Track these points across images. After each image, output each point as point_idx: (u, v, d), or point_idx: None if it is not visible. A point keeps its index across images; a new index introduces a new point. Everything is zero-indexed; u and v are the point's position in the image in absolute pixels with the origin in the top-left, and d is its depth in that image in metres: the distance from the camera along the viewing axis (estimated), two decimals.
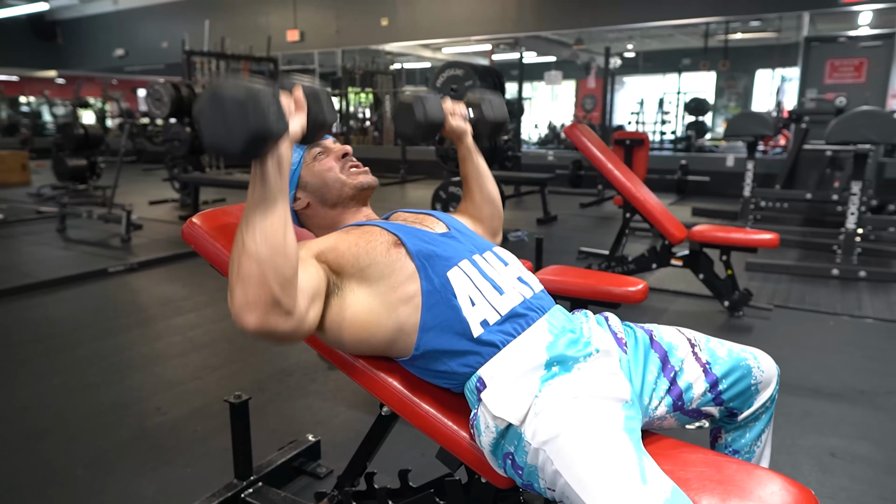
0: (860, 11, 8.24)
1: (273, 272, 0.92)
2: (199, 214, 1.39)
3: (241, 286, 0.91)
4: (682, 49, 14.74)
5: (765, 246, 3.10)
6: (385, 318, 1.09)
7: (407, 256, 1.11)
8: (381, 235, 1.14)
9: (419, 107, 1.33)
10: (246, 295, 0.91)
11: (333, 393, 2.40)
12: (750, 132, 5.14)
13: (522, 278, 1.19)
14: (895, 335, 2.96)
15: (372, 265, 1.10)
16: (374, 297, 1.10)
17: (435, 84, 4.74)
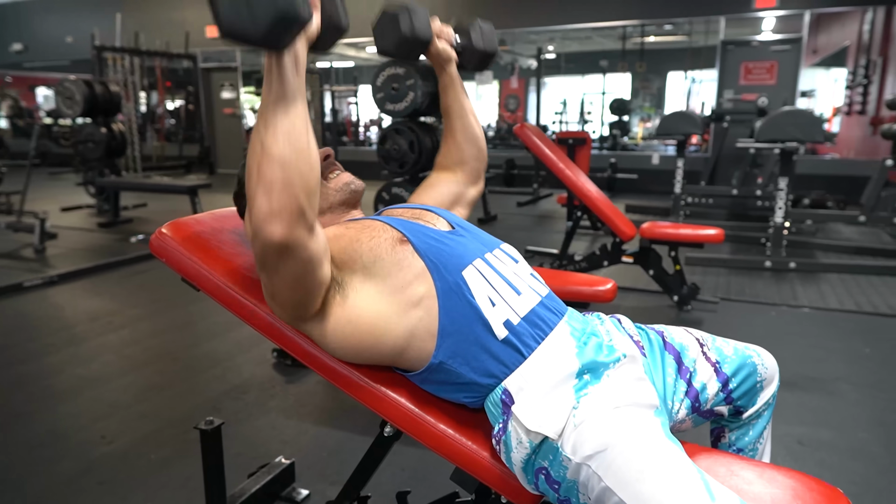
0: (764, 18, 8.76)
1: (299, 177, 0.84)
2: (168, 225, 1.25)
3: (265, 192, 0.83)
4: (599, 51, 15.21)
5: (711, 241, 3.20)
6: (395, 322, 1.01)
7: (415, 254, 1.03)
8: (384, 231, 1.06)
9: (405, 18, 1.18)
10: (270, 202, 0.83)
11: (296, 409, 2.26)
12: (680, 131, 5.33)
13: (534, 275, 1.14)
14: (831, 323, 3.13)
15: (377, 262, 1.02)
16: (381, 296, 1.01)
17: (375, 83, 4.62)
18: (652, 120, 15.00)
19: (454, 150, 1.41)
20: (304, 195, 0.85)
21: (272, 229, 0.84)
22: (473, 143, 1.41)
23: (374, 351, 1.04)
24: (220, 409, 2.24)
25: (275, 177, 0.82)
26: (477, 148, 1.42)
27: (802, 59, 7.26)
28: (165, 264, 1.22)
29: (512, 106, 16.45)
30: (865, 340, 2.87)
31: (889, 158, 4.03)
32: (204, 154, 9.84)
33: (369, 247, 1.03)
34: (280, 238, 0.84)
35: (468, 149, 1.40)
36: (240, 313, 1.17)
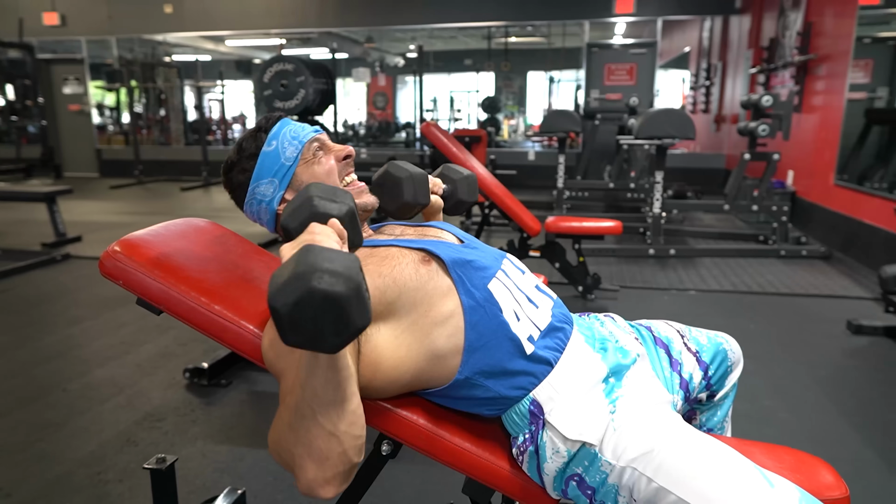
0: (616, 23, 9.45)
1: (353, 444, 0.80)
2: (120, 243, 1.10)
3: (318, 464, 0.78)
4: (464, 50, 15.59)
5: (611, 233, 3.38)
6: (417, 347, 0.95)
7: (440, 271, 0.98)
8: (403, 256, 0.99)
9: (409, 186, 1.16)
10: (325, 472, 0.78)
11: (226, 432, 2.09)
12: (561, 128, 5.60)
13: (540, 287, 1.13)
14: (716, 302, 3.45)
15: (402, 295, 0.95)
16: (405, 329, 0.95)
17: (262, 79, 4.38)
18: (516, 117, 15.64)
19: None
20: (356, 452, 0.81)
21: (326, 492, 0.80)
22: None
23: (396, 384, 0.97)
24: (135, 442, 2.01)
25: (331, 450, 0.78)
26: None
27: (657, 61, 7.92)
28: (122, 287, 1.07)
29: (380, 103, 16.39)
30: (748, 317, 3.19)
31: (747, 153, 4.51)
32: (48, 156, 8.80)
33: (392, 280, 0.95)
34: (334, 495, 0.81)
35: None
36: (221, 336, 1.05)
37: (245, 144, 1.09)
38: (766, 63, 6.20)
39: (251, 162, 1.08)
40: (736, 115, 7.51)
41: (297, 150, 1.07)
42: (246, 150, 1.09)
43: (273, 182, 1.07)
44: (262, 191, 1.08)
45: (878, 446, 1.98)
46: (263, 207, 1.09)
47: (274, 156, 1.07)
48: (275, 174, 1.07)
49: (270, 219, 1.10)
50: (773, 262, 4.27)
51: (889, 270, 2.85)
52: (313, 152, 1.09)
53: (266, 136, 1.08)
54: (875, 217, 4.08)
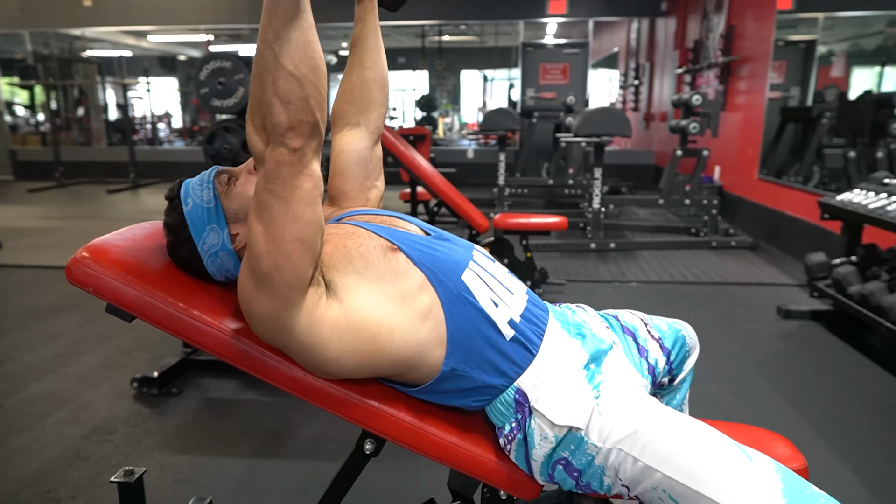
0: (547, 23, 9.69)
1: (315, 93, 0.82)
2: (87, 248, 1.05)
3: (282, 106, 0.80)
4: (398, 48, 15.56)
5: (557, 228, 3.47)
6: (406, 333, 0.96)
7: (409, 263, 0.99)
8: (370, 238, 1.00)
9: None
10: (289, 115, 0.81)
11: (182, 441, 2.02)
12: (502, 126, 5.69)
13: (512, 275, 1.16)
14: (656, 293, 3.60)
15: (369, 268, 0.96)
16: (382, 300, 0.95)
17: (198, 77, 4.24)
18: (451, 116, 15.73)
19: (362, 91, 1.26)
20: (320, 111, 0.83)
21: (292, 140, 0.82)
22: (383, 85, 1.28)
23: (378, 361, 0.98)
24: (86, 458, 1.92)
25: (292, 91, 0.80)
26: (385, 93, 1.29)
27: (590, 61, 8.15)
28: (92, 294, 1.02)
29: None
30: (687, 305, 3.35)
31: (679, 149, 4.73)
32: None
33: (359, 253, 0.97)
34: (298, 146, 0.82)
35: (377, 91, 1.27)
36: (201, 341, 1.02)
37: (170, 221, 1.06)
38: (691, 64, 6.50)
39: (185, 230, 1.04)
40: (664, 113, 7.84)
41: (210, 190, 1.05)
42: (174, 225, 1.05)
43: (214, 229, 1.04)
44: (211, 242, 1.04)
45: (816, 423, 2.13)
46: (223, 256, 1.05)
47: (197, 209, 1.04)
48: (209, 221, 1.04)
49: (236, 262, 1.06)
50: (706, 252, 4.49)
51: (813, 258, 3.06)
52: (224, 182, 1.06)
53: (179, 201, 1.05)
54: (796, 209, 4.36)
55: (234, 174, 1.09)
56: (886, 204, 2.62)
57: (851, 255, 3.01)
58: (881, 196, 2.71)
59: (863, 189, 2.88)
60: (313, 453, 1.96)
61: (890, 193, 2.68)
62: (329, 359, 0.95)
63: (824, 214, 3.01)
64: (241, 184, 1.06)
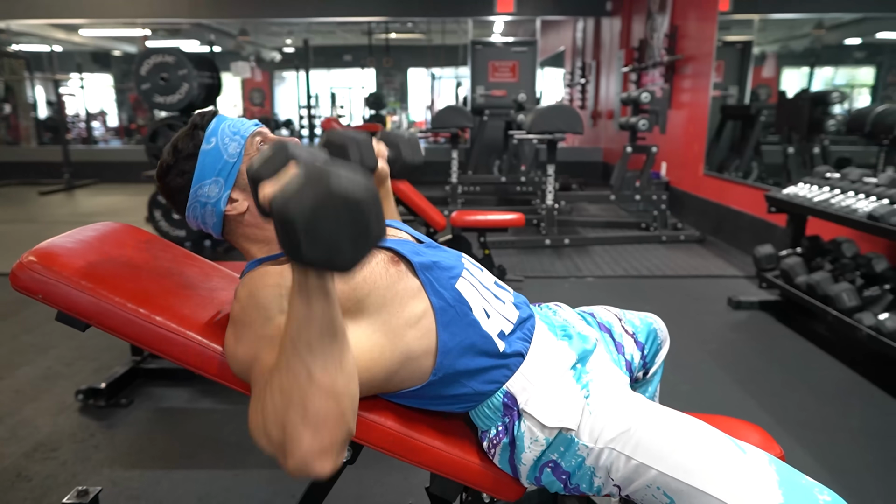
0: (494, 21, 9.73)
1: (351, 406, 0.74)
2: (34, 253, 0.97)
3: (314, 430, 0.70)
4: (343, 45, 15.38)
5: (514, 225, 3.47)
6: (390, 349, 0.92)
7: (409, 273, 0.96)
8: (372, 254, 0.95)
9: (354, 150, 1.09)
10: (321, 440, 0.71)
11: (135, 456, 1.92)
12: (454, 124, 5.67)
13: (498, 283, 1.14)
14: (612, 288, 3.65)
15: (372, 293, 0.91)
16: (376, 329, 0.92)
17: (139, 72, 4.05)
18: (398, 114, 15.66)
19: None
20: (353, 417, 0.75)
21: (321, 466, 0.72)
22: None
23: (365, 388, 0.93)
24: (28, 477, 1.79)
25: (329, 412, 0.71)
26: None
27: (538, 59, 8.23)
28: (41, 301, 0.94)
29: (257, 99, 15.80)
30: (642, 299, 3.41)
31: (629, 146, 4.82)
32: None
33: (363, 277, 0.92)
34: (329, 471, 0.73)
35: None
36: (165, 350, 0.96)
37: (181, 144, 1.00)
38: (637, 62, 6.64)
39: (190, 163, 0.99)
40: (611, 110, 7.99)
41: (239, 145, 1.00)
42: (183, 151, 1.00)
43: (217, 182, 0.99)
44: (206, 192, 0.99)
45: (772, 410, 2.19)
46: (209, 210, 1.00)
47: (215, 154, 0.99)
48: (218, 173, 0.99)
49: (217, 222, 1.02)
50: (656, 247, 4.60)
51: (762, 251, 3.17)
52: (256, 147, 1.02)
53: (204, 134, 1.00)
54: (740, 203, 4.51)
55: (266, 139, 1.04)
56: (830, 197, 2.72)
57: (797, 246, 3.12)
58: (824, 190, 2.82)
59: (807, 183, 2.99)
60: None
61: (832, 187, 2.79)
62: None
63: (771, 208, 3.11)
64: None
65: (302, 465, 0.70)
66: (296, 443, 0.70)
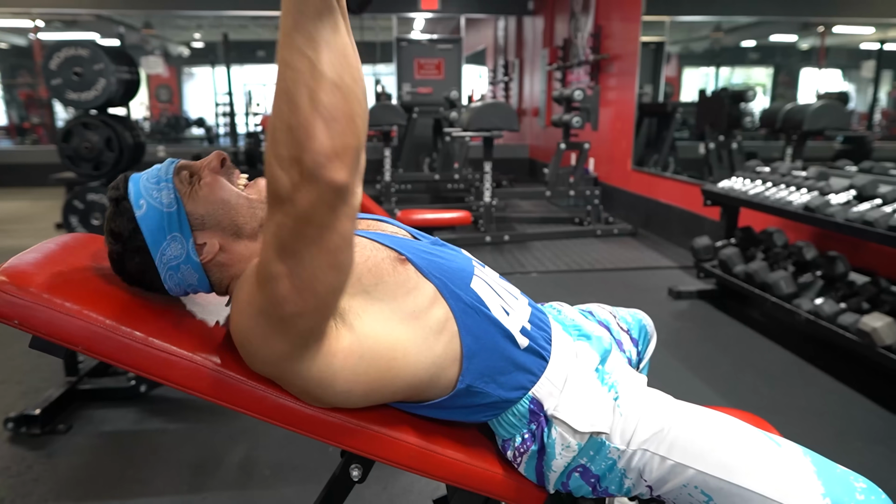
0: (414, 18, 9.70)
1: (360, 109, 0.65)
2: (5, 273, 0.85)
3: (325, 124, 0.62)
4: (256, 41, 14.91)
5: (461, 223, 3.45)
6: (418, 353, 0.87)
7: (419, 275, 0.90)
8: (376, 249, 0.89)
9: None
10: (332, 137, 0.62)
11: (82, 486, 1.75)
12: (387, 122, 5.59)
13: (503, 278, 1.10)
14: (558, 282, 3.71)
15: (379, 285, 0.86)
16: (393, 322, 0.86)
17: (48, 66, 3.72)
18: None
19: None
20: (364, 132, 0.67)
21: (336, 172, 0.63)
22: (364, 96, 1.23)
23: (389, 388, 0.88)
24: None
25: (337, 106, 0.63)
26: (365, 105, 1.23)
27: (463, 57, 8.27)
28: (18, 328, 0.82)
29: (164, 96, 15.06)
30: (588, 292, 3.49)
31: (562, 143, 4.91)
32: None
33: (367, 268, 0.86)
34: (344, 182, 0.64)
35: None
36: (166, 375, 0.86)
37: (116, 227, 0.89)
38: (561, 61, 6.79)
39: (137, 237, 0.88)
40: (536, 108, 8.15)
41: (170, 191, 0.89)
42: (122, 232, 0.89)
43: (175, 238, 0.88)
44: (171, 254, 0.89)
45: (726, 395, 2.29)
46: (185, 270, 0.90)
47: (153, 213, 0.88)
48: (169, 229, 0.88)
49: (202, 276, 0.91)
50: (592, 241, 4.72)
51: (699, 242, 3.31)
52: (187, 182, 0.91)
53: (129, 204, 0.88)
54: (670, 197, 4.70)
55: (196, 170, 0.93)
56: (764, 190, 2.88)
57: (731, 237, 3.28)
58: (757, 183, 2.98)
59: (739, 177, 3.15)
60: (246, 481, 1.78)
61: (764, 180, 2.95)
62: (337, 391, 0.84)
63: (707, 201, 3.26)
64: (208, 184, 0.91)
65: (316, 166, 0.63)
66: (309, 137, 0.62)
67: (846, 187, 2.47)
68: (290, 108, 0.62)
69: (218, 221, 0.90)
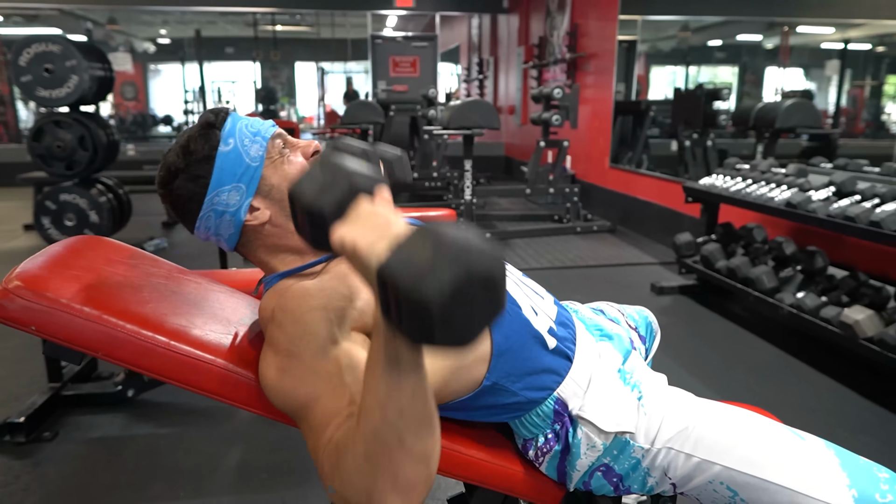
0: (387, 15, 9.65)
1: (436, 467, 0.67)
2: (19, 277, 0.83)
3: (403, 496, 0.64)
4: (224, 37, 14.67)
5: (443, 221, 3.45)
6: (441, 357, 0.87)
7: None
8: None
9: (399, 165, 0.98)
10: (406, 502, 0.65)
11: (74, 495, 1.70)
12: (365, 119, 5.55)
13: (527, 276, 1.10)
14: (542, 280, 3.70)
15: None
16: None
17: (17, 63, 3.60)
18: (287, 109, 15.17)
19: None
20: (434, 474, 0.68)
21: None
22: None
23: None
24: None
25: (419, 477, 0.65)
26: None
27: (438, 54, 8.25)
28: (34, 334, 0.80)
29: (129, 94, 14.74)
30: (573, 289, 3.52)
31: (542, 140, 4.94)
32: None
33: None
34: None
35: None
36: (192, 381, 0.84)
37: (193, 146, 0.88)
38: (537, 59, 6.83)
39: (205, 166, 0.88)
40: (512, 106, 8.18)
41: (261, 147, 0.90)
42: (196, 153, 0.88)
43: (238, 188, 0.88)
44: (225, 200, 0.88)
45: (720, 389, 2.33)
46: (227, 220, 0.89)
47: (235, 157, 0.88)
48: (239, 178, 0.88)
49: (234, 233, 0.91)
50: (573, 238, 4.76)
51: (681, 238, 3.36)
52: (279, 150, 0.92)
53: (220, 134, 0.88)
54: (648, 194, 4.77)
55: (291, 146, 0.94)
56: (745, 187, 2.94)
57: (711, 233, 3.34)
58: (737, 180, 3.04)
59: (720, 174, 3.21)
60: (243, 486, 1.75)
61: (745, 177, 3.01)
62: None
63: (688, 198, 3.31)
64: (293, 163, 0.92)
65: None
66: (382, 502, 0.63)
67: (826, 184, 2.53)
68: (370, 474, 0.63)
69: (282, 198, 0.90)
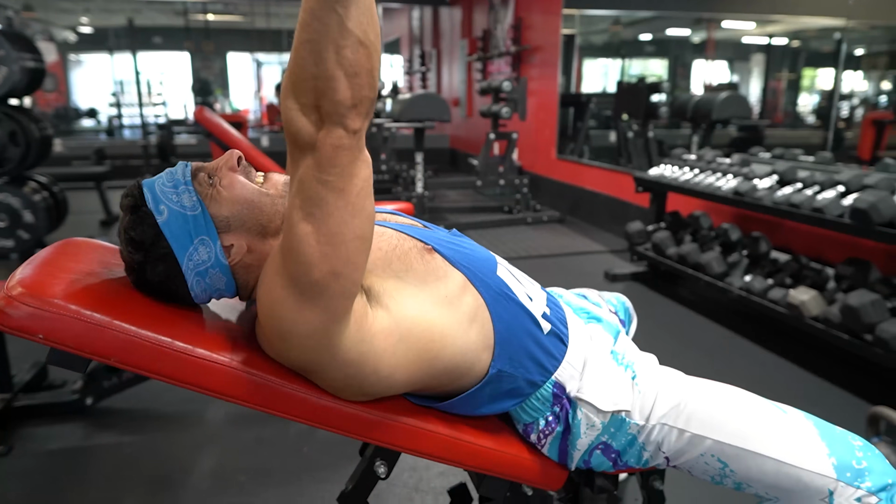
0: None
1: (378, 63, 0.71)
2: (21, 283, 0.79)
3: (347, 80, 0.67)
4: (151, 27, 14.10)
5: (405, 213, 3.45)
6: (456, 337, 0.89)
7: (447, 264, 0.92)
8: (402, 239, 0.91)
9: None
10: (353, 91, 0.68)
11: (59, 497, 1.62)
12: None
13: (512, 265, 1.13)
14: None
15: (409, 272, 0.88)
16: (427, 303, 0.87)
17: None
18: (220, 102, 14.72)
19: None
20: (378, 74, 0.72)
21: (353, 121, 0.69)
22: None
23: (430, 371, 0.89)
24: None
25: (360, 63, 0.68)
26: None
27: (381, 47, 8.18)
28: (41, 342, 0.76)
29: (50, 85, 13.96)
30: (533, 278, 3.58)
31: (492, 133, 4.99)
32: None
33: (396, 255, 0.88)
34: (359, 128, 0.70)
35: None
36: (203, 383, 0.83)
37: (136, 234, 0.84)
38: (482, 52, 6.88)
39: (161, 243, 0.84)
40: (456, 98, 8.21)
41: (191, 194, 0.86)
42: (144, 239, 0.84)
43: (202, 241, 0.85)
44: (199, 258, 0.85)
45: None
46: (214, 274, 0.86)
47: (176, 218, 0.84)
48: (195, 233, 0.85)
49: (230, 280, 0.88)
50: (524, 228, 4.84)
51: (633, 227, 3.48)
52: (207, 184, 0.87)
53: (149, 210, 0.84)
54: (595, 184, 4.90)
55: (213, 171, 0.89)
56: (693, 177, 3.07)
57: (660, 221, 3.48)
58: (685, 170, 3.17)
59: (667, 164, 3.34)
60: (221, 490, 1.71)
61: (691, 167, 3.15)
62: (381, 375, 0.85)
63: (638, 188, 3.43)
64: (228, 185, 0.88)
65: (337, 115, 0.68)
66: (332, 89, 0.67)
67: (769, 173, 2.68)
68: (314, 59, 0.66)
69: (243, 222, 0.87)
